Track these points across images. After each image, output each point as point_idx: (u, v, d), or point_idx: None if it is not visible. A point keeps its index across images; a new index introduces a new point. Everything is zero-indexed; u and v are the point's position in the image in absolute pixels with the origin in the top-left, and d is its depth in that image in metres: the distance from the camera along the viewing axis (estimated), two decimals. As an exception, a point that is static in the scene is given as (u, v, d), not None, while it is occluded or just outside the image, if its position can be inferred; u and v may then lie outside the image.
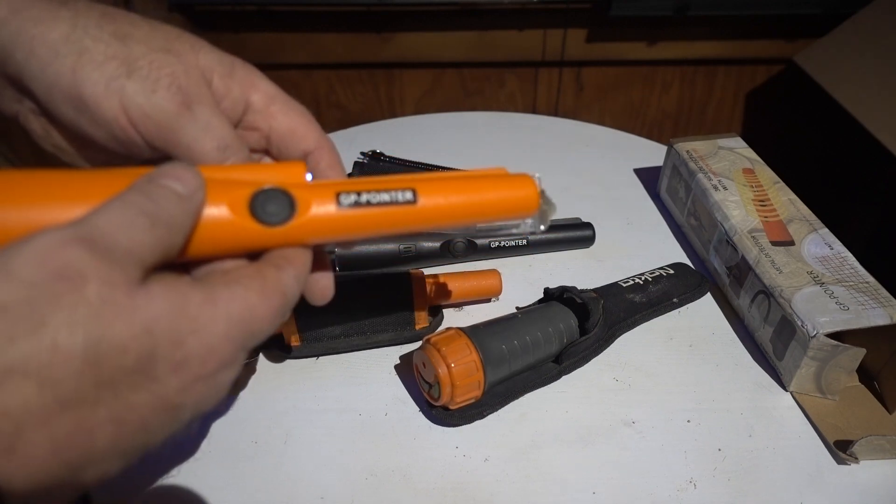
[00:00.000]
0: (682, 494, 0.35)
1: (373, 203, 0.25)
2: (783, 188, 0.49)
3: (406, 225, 0.26)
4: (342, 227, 0.25)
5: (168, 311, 0.19)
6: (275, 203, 0.23)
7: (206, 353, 0.20)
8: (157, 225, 0.20)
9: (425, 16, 1.03)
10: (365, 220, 0.25)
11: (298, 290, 0.24)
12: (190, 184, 0.21)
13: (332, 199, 0.24)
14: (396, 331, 0.42)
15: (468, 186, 0.27)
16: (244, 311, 0.21)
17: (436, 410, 0.38)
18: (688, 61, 1.12)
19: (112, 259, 0.18)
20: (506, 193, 0.28)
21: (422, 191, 0.26)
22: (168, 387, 0.19)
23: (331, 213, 0.24)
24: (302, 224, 0.24)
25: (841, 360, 0.38)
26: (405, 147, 0.65)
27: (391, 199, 0.25)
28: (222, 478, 0.35)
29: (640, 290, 0.46)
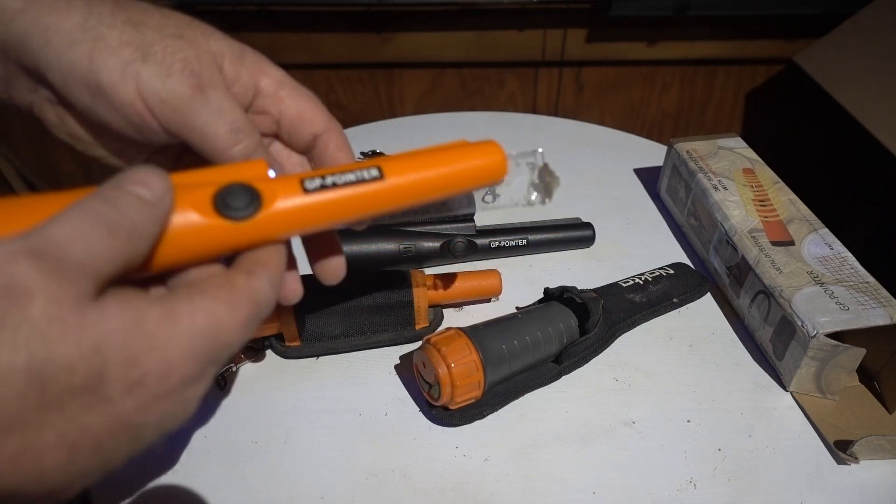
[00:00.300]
0: (682, 494, 0.35)
1: (339, 184, 0.24)
2: (783, 188, 0.49)
3: (378, 204, 0.26)
4: (312, 214, 0.24)
5: (121, 328, 0.18)
6: (239, 197, 0.22)
7: (166, 370, 0.19)
8: (117, 233, 0.19)
9: (425, 16, 1.03)
10: (334, 203, 0.24)
11: (274, 293, 0.23)
12: (156, 188, 0.20)
13: (296, 185, 0.24)
14: (396, 331, 0.42)
15: (435, 159, 0.27)
16: (209, 323, 0.20)
17: (436, 410, 0.38)
18: (688, 61, 1.12)
19: (61, 273, 0.17)
20: (474, 161, 0.28)
21: (388, 168, 0.26)
22: (123, 407, 0.18)
23: (298, 200, 0.23)
24: (271, 215, 0.23)
25: (841, 360, 0.38)
26: (405, 147, 0.65)
27: (357, 178, 0.25)
28: (222, 478, 0.35)
29: (640, 290, 0.46)
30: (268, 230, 0.23)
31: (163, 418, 0.20)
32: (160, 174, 0.21)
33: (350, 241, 0.47)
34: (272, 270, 0.23)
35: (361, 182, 0.25)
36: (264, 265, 0.23)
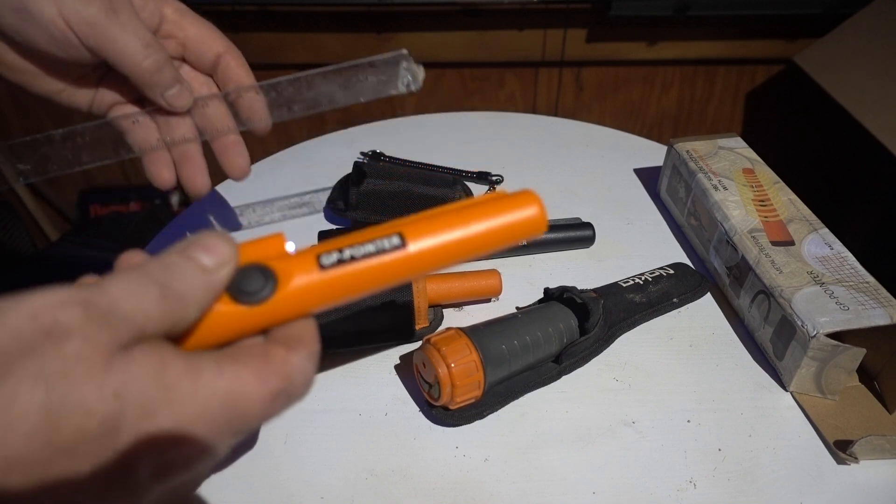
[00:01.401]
0: (681, 494, 0.35)
1: (357, 257, 0.23)
2: (783, 188, 0.50)
3: (401, 274, 0.24)
4: (333, 290, 0.23)
5: (142, 376, 0.18)
6: (255, 280, 0.22)
7: (178, 429, 0.18)
8: (169, 296, 0.19)
9: (425, 16, 1.03)
10: (355, 277, 0.23)
11: (312, 372, 0.23)
12: (219, 255, 0.21)
13: (313, 262, 0.23)
14: (396, 331, 0.42)
15: (461, 217, 0.25)
16: (232, 388, 0.19)
17: (436, 410, 0.38)
18: (688, 61, 1.12)
19: (105, 321, 0.17)
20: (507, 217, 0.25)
21: (409, 233, 0.24)
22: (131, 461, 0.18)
23: (315, 278, 0.23)
24: (287, 296, 0.22)
25: (841, 360, 0.38)
26: (405, 147, 0.65)
27: (377, 248, 0.23)
28: (222, 478, 0.35)
29: (639, 290, 0.46)
30: (286, 311, 0.23)
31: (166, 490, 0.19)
32: (227, 241, 0.21)
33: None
34: (310, 346, 0.23)
35: (382, 252, 0.23)
36: (302, 341, 0.23)
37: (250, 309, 0.22)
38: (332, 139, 0.67)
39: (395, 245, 0.24)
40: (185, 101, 0.34)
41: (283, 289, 0.22)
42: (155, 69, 0.31)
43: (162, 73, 0.32)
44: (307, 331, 0.23)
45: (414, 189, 0.51)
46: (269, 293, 0.22)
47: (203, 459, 0.20)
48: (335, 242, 0.24)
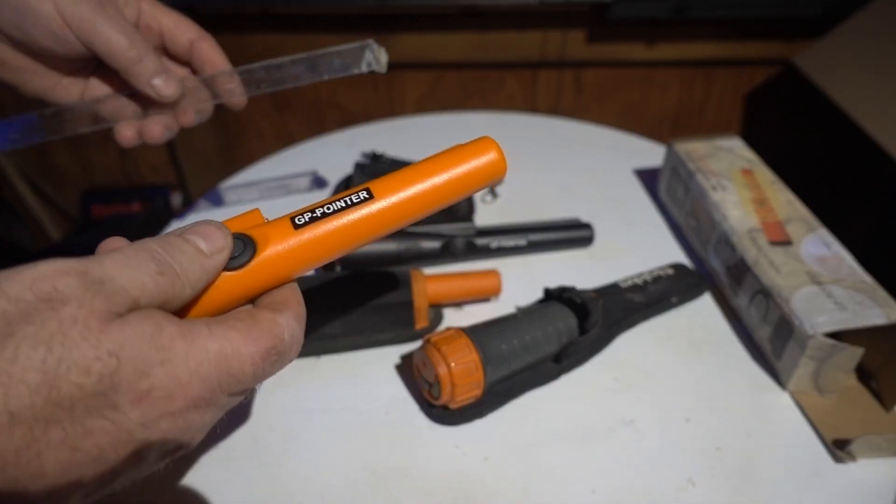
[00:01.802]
0: (681, 493, 0.35)
1: (329, 213, 0.24)
2: (782, 189, 0.50)
3: (373, 227, 0.25)
4: (310, 248, 0.24)
5: (137, 337, 0.19)
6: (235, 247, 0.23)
7: (174, 387, 0.19)
8: (165, 273, 0.20)
9: (425, 17, 1.03)
10: (329, 233, 0.24)
11: (300, 332, 0.24)
12: (215, 242, 0.22)
13: (287, 224, 0.24)
14: (396, 330, 0.43)
15: (425, 169, 0.26)
16: (223, 348, 0.21)
17: (436, 410, 0.38)
18: (687, 62, 1.12)
19: (100, 289, 0.18)
20: (468, 164, 0.27)
21: (377, 189, 0.25)
22: (129, 418, 0.19)
23: (292, 238, 0.24)
24: (267, 259, 0.23)
25: (839, 359, 0.38)
26: (405, 147, 0.65)
27: (346, 203, 0.25)
28: (222, 477, 0.35)
29: (639, 290, 0.46)
30: (268, 273, 0.24)
31: (166, 440, 0.20)
32: (223, 230, 0.23)
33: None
34: (295, 308, 0.24)
35: (352, 207, 0.25)
36: (287, 304, 0.24)
37: (234, 274, 0.23)
38: (332, 139, 0.68)
39: (364, 198, 0.25)
40: (172, 90, 0.37)
41: (262, 251, 0.23)
42: (138, 59, 0.35)
43: (145, 63, 0.35)
44: (292, 294, 0.24)
45: None
46: (249, 257, 0.23)
47: (200, 416, 0.21)
48: (308, 207, 0.25)
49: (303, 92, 1.12)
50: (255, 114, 1.20)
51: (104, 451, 0.19)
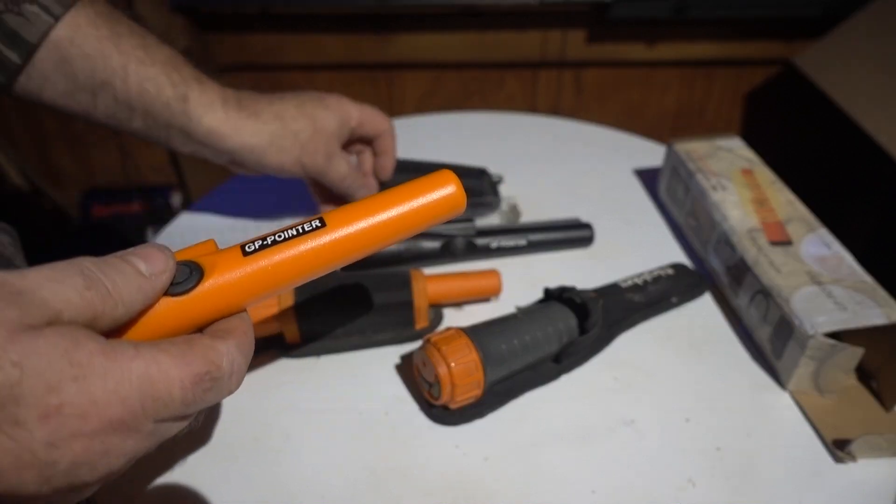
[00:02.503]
0: (681, 493, 0.35)
1: (279, 241, 0.24)
2: (782, 188, 0.50)
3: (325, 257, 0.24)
4: (259, 278, 0.23)
5: (49, 350, 0.18)
6: (179, 273, 0.22)
7: (88, 405, 0.18)
8: (93, 289, 0.19)
9: (425, 17, 1.03)
10: (279, 264, 0.23)
11: (242, 360, 0.23)
12: (156, 264, 0.22)
13: (238, 252, 0.23)
14: (396, 330, 0.43)
15: (382, 201, 0.25)
16: (148, 370, 0.19)
17: (436, 410, 0.38)
18: (687, 62, 1.12)
19: (15, 300, 0.18)
20: (426, 196, 0.26)
21: (331, 219, 0.24)
22: (34, 436, 0.18)
23: (240, 266, 0.23)
24: (214, 286, 0.23)
25: (839, 359, 0.38)
26: (405, 147, 0.65)
27: (298, 231, 0.24)
28: (222, 478, 0.35)
29: (639, 290, 0.46)
30: (216, 301, 0.23)
31: (78, 464, 0.19)
32: (165, 253, 0.22)
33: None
34: (240, 337, 0.23)
35: (303, 235, 0.24)
36: (231, 332, 0.23)
37: (178, 300, 0.22)
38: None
39: (316, 227, 0.24)
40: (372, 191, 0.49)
41: (209, 278, 0.23)
42: (348, 186, 0.48)
43: (352, 187, 0.48)
44: (240, 324, 0.24)
45: None
46: (195, 283, 0.22)
47: (121, 441, 0.19)
48: (260, 235, 0.24)
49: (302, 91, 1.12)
50: (255, 114, 1.20)
51: (4, 473, 0.17)
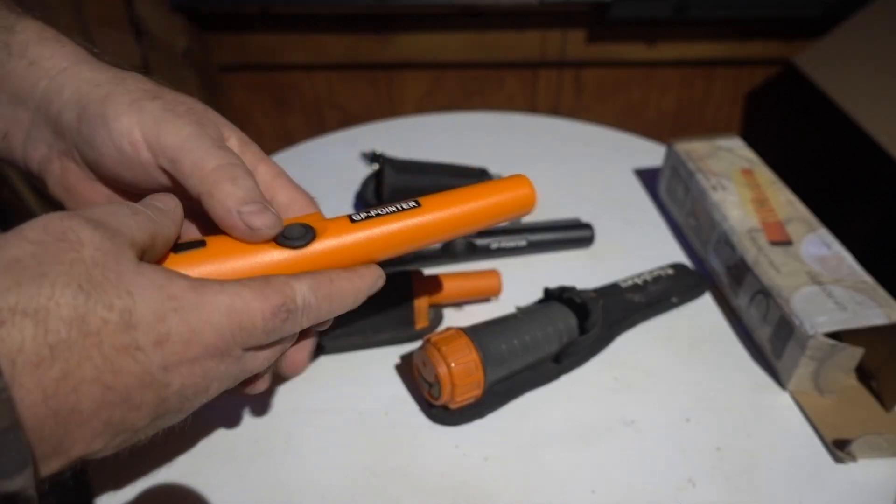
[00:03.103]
0: (681, 494, 0.35)
1: (382, 215, 0.28)
2: (782, 188, 0.50)
3: (416, 235, 0.29)
4: (361, 244, 0.27)
5: (150, 284, 0.21)
6: (295, 231, 0.26)
7: (189, 334, 0.21)
8: (138, 214, 0.23)
9: (425, 17, 1.03)
10: (381, 235, 0.28)
11: (313, 298, 0.25)
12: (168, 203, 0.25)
13: (345, 220, 0.28)
14: (396, 330, 0.43)
15: (469, 194, 0.30)
16: (233, 302, 0.22)
17: (436, 410, 0.38)
18: (687, 62, 1.12)
19: (104, 231, 0.21)
20: (505, 195, 0.31)
21: (425, 202, 0.29)
22: (151, 360, 0.20)
23: (348, 233, 0.27)
24: (325, 246, 0.27)
25: (839, 359, 0.38)
26: (405, 147, 0.65)
27: (397, 208, 0.28)
28: (222, 478, 0.35)
29: (639, 290, 0.46)
30: (324, 259, 0.27)
31: (185, 385, 0.22)
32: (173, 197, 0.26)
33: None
34: (317, 278, 0.25)
35: (401, 213, 0.28)
36: (311, 274, 0.25)
37: (292, 253, 0.26)
38: (332, 139, 0.68)
39: (412, 206, 0.29)
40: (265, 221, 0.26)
41: (320, 239, 0.27)
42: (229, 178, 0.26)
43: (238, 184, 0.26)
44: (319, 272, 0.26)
45: (445, 182, 0.52)
46: (308, 241, 0.26)
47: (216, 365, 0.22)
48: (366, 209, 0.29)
49: (303, 92, 1.12)
50: (255, 113, 1.20)
51: (131, 392, 0.20)
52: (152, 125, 0.26)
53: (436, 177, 0.53)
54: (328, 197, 0.58)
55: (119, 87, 0.26)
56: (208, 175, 0.25)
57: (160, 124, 0.26)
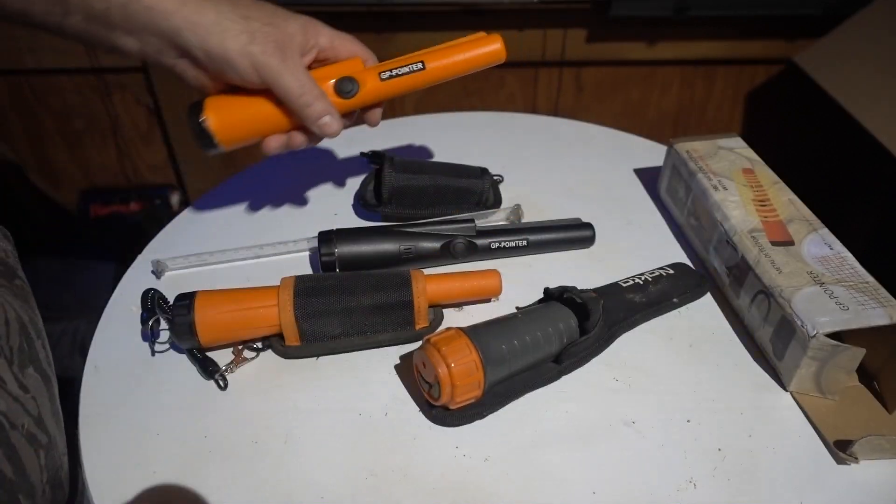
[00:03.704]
0: (681, 494, 0.35)
1: (399, 74, 0.45)
2: (783, 188, 0.50)
3: (421, 83, 0.46)
4: (385, 90, 0.45)
5: None
6: (347, 84, 0.44)
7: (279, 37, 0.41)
8: None
9: (425, 16, 1.03)
10: (397, 83, 0.46)
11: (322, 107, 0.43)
12: None
13: (376, 77, 0.45)
14: (396, 331, 0.42)
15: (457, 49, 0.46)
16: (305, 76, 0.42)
17: (436, 410, 0.38)
18: (688, 61, 1.12)
19: None
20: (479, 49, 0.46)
21: (427, 59, 0.46)
22: None
23: (377, 84, 0.45)
24: (363, 93, 0.45)
25: (840, 360, 0.38)
26: (405, 147, 0.65)
27: (409, 70, 0.45)
28: (222, 478, 0.35)
29: (639, 290, 0.46)
30: (362, 100, 0.45)
31: None
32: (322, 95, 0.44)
33: (351, 241, 0.47)
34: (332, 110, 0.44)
35: (412, 73, 0.46)
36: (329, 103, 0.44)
37: (345, 100, 0.45)
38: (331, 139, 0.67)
39: (420, 68, 0.46)
40: (334, 129, 0.44)
41: (362, 90, 0.45)
42: (308, 103, 0.42)
43: (313, 106, 0.42)
44: None
45: (444, 181, 0.52)
46: (356, 92, 0.45)
47: None
48: (387, 65, 0.46)
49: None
50: (255, 113, 1.19)
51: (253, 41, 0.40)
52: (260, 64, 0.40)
53: (436, 176, 0.53)
54: (328, 196, 0.58)
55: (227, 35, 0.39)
56: (294, 101, 0.42)
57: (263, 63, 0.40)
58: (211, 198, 0.58)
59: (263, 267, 0.50)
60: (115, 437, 0.38)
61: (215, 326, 0.40)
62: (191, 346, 0.41)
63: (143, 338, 0.44)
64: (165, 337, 0.43)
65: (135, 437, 0.38)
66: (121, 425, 0.38)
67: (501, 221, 0.55)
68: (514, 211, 0.54)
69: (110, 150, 1.23)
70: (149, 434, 0.38)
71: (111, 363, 0.42)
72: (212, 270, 0.50)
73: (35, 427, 0.41)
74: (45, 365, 0.45)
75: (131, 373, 0.42)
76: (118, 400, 0.40)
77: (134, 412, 0.39)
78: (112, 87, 1.14)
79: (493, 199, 0.56)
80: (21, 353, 0.42)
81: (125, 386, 0.41)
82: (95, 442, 0.37)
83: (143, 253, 0.52)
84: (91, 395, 0.40)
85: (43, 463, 0.41)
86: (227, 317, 0.40)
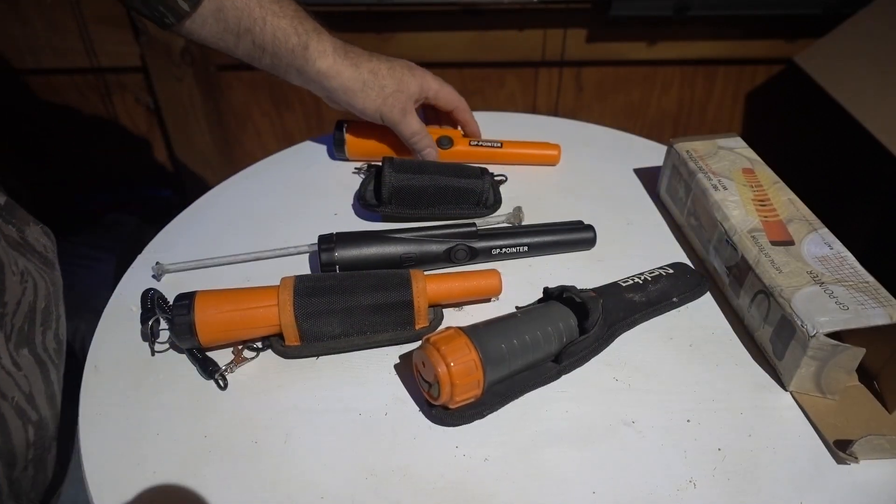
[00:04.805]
0: (681, 494, 0.35)
1: (483, 145, 0.61)
2: (783, 188, 0.50)
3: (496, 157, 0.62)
4: (468, 152, 0.61)
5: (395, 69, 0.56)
6: (446, 141, 0.60)
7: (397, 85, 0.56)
8: None
9: (425, 16, 1.03)
10: (477, 150, 0.61)
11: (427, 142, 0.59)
12: None
13: (467, 141, 0.62)
14: (396, 331, 0.42)
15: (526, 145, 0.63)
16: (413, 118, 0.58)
17: (436, 410, 0.38)
18: (688, 61, 1.12)
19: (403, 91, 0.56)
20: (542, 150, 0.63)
21: (504, 144, 0.62)
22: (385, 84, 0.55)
23: (466, 147, 0.61)
24: (454, 149, 0.60)
25: (840, 359, 0.38)
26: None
27: (491, 145, 0.62)
28: (222, 478, 0.35)
29: (639, 289, 0.46)
30: (451, 154, 0.60)
31: None
32: None
33: (352, 246, 0.47)
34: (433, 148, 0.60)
35: (491, 148, 0.62)
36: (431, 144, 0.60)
37: (443, 151, 0.60)
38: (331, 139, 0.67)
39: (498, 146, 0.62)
40: (433, 157, 0.60)
41: (455, 146, 0.61)
42: (416, 142, 0.58)
43: (420, 143, 0.58)
44: None
45: (444, 182, 0.52)
46: (450, 147, 0.60)
47: None
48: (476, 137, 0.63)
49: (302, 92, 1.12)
50: (254, 113, 1.20)
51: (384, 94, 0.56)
52: (386, 117, 0.56)
53: (436, 176, 0.53)
54: (328, 196, 0.58)
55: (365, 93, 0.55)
56: (408, 138, 0.58)
57: (389, 116, 0.56)
58: (211, 198, 0.58)
59: (263, 267, 0.50)
60: (115, 436, 0.38)
61: (215, 326, 0.40)
62: (191, 346, 0.41)
63: (142, 338, 0.44)
64: (165, 337, 0.43)
65: (134, 437, 0.38)
66: (120, 425, 0.38)
67: (499, 221, 0.55)
68: (514, 214, 0.54)
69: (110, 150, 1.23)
70: (148, 434, 0.38)
71: (111, 363, 0.42)
72: (211, 271, 0.50)
73: (25, 402, 0.43)
74: (40, 350, 0.45)
75: (131, 373, 0.42)
76: (118, 400, 0.40)
77: (133, 412, 0.39)
78: (112, 87, 1.14)
79: (494, 199, 0.56)
80: (20, 333, 0.43)
81: (125, 386, 0.41)
82: (95, 442, 0.38)
83: (143, 253, 0.52)
84: (91, 395, 0.40)
85: (31, 439, 0.43)
86: (227, 317, 0.40)
